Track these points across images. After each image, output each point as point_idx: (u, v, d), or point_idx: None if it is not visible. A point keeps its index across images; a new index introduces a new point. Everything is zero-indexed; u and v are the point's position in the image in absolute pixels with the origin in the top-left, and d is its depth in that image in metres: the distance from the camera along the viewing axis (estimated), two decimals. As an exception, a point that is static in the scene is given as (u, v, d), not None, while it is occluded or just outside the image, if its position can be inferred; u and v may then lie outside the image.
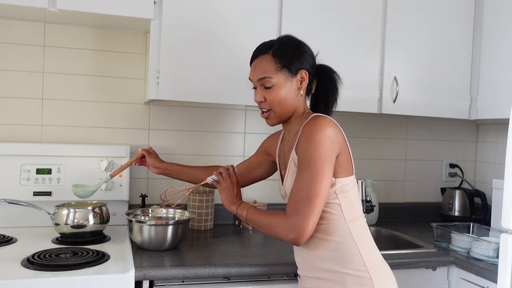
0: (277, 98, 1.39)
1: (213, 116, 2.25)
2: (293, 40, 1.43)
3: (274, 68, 1.38)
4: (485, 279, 1.66)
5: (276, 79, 1.38)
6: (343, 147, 1.34)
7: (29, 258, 1.49)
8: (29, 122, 2.03)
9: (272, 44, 1.42)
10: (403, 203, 2.56)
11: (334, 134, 1.31)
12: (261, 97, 1.41)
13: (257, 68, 1.42)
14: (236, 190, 1.50)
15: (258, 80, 1.41)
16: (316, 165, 1.27)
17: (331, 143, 1.29)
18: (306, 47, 1.43)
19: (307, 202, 1.26)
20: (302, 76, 1.39)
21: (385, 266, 1.39)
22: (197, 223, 2.07)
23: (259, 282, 1.58)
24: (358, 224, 1.36)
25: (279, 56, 1.38)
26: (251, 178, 1.73)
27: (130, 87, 2.14)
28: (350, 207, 1.35)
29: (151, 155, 1.82)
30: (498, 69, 2.11)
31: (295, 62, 1.38)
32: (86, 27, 2.08)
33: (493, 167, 2.54)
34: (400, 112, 2.12)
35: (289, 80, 1.39)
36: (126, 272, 1.42)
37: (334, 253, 1.32)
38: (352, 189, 1.37)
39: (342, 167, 1.34)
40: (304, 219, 1.26)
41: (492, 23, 2.15)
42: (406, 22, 2.11)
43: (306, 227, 1.26)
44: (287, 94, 1.39)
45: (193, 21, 1.84)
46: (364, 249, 1.33)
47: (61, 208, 1.75)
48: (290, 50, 1.40)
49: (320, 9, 1.99)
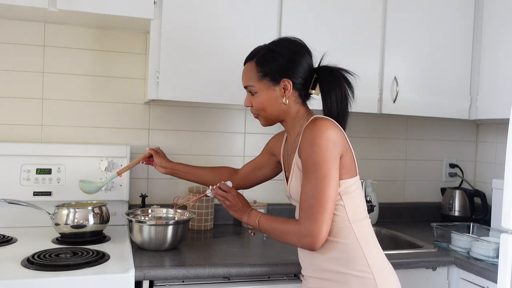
0: (260, 105, 1.43)
1: (213, 116, 2.25)
2: (283, 46, 1.41)
3: (256, 77, 1.41)
4: (485, 279, 1.66)
5: (258, 87, 1.41)
6: (346, 148, 1.34)
7: (29, 258, 1.49)
8: (29, 122, 2.03)
9: (259, 50, 1.43)
10: (403, 203, 2.56)
11: (336, 136, 1.30)
12: (248, 102, 1.47)
13: (243, 75, 1.46)
14: (240, 201, 1.50)
15: (244, 87, 1.46)
16: (322, 169, 1.27)
17: (333, 145, 1.29)
18: (297, 54, 1.40)
19: (319, 208, 1.27)
20: (285, 85, 1.38)
21: (389, 267, 1.39)
22: (197, 223, 2.07)
23: (259, 282, 1.58)
24: (363, 225, 1.36)
25: (261, 65, 1.40)
26: (258, 178, 1.73)
27: (130, 87, 2.14)
28: (354, 208, 1.35)
29: (158, 154, 1.81)
30: (498, 69, 2.11)
31: (278, 70, 1.38)
32: (86, 27, 2.08)
33: (493, 167, 2.54)
34: (400, 112, 2.12)
35: (271, 88, 1.40)
36: (126, 272, 1.42)
37: (339, 254, 1.32)
38: (356, 190, 1.37)
39: (346, 169, 1.34)
40: (317, 225, 1.27)
41: (492, 23, 2.15)
42: (406, 22, 2.11)
43: (321, 232, 1.27)
44: (270, 101, 1.41)
45: (193, 21, 1.84)
46: (368, 250, 1.33)
47: (61, 208, 1.75)
48: (275, 58, 1.39)
49: (320, 9, 1.99)
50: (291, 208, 2.30)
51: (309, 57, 1.42)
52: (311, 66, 1.42)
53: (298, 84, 1.40)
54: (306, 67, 1.40)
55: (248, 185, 1.76)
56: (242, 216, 1.47)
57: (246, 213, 1.47)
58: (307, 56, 1.42)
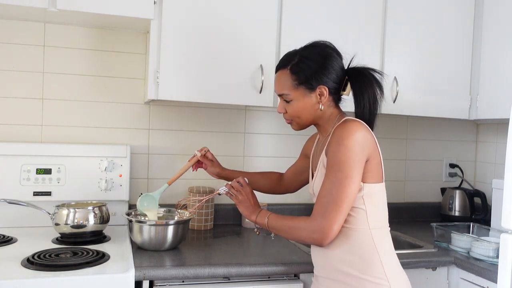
0: (296, 112, 1.43)
1: (213, 116, 2.25)
2: (315, 53, 1.41)
3: (291, 85, 1.40)
4: (485, 279, 1.66)
5: (293, 95, 1.41)
6: (374, 153, 1.33)
7: (29, 258, 1.49)
8: (29, 122, 2.03)
9: (292, 57, 1.42)
10: (403, 203, 2.56)
11: (364, 139, 1.30)
12: (282, 109, 1.46)
13: (277, 83, 1.45)
14: (252, 199, 1.53)
15: (279, 95, 1.45)
16: (345, 169, 1.27)
17: (360, 147, 1.29)
18: (330, 59, 1.39)
19: (334, 206, 1.28)
20: (321, 91, 1.39)
21: (405, 277, 1.38)
22: (197, 223, 2.07)
23: (259, 282, 1.58)
24: (382, 233, 1.36)
25: (296, 73, 1.39)
26: (302, 181, 1.75)
27: (130, 87, 2.14)
28: (376, 214, 1.34)
29: (212, 163, 1.76)
30: (498, 69, 2.11)
31: (314, 77, 1.38)
32: (86, 27, 2.08)
33: (493, 167, 2.54)
34: (400, 112, 2.12)
35: (307, 95, 1.40)
36: (126, 272, 1.42)
37: (352, 257, 1.31)
38: (380, 197, 1.36)
39: (371, 173, 1.33)
40: (329, 222, 1.28)
41: (492, 23, 2.15)
42: (406, 22, 2.11)
43: (331, 230, 1.28)
44: (306, 108, 1.41)
45: (193, 21, 1.84)
46: (386, 258, 1.32)
47: (61, 208, 1.75)
48: (309, 65, 1.38)
49: (320, 9, 1.99)
50: (291, 209, 2.31)
51: (340, 60, 1.43)
52: (342, 69, 1.43)
53: (333, 89, 1.40)
54: (339, 70, 1.41)
55: (294, 189, 1.79)
56: (252, 213, 1.49)
57: (256, 211, 1.49)
58: (338, 59, 1.42)
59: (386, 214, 1.40)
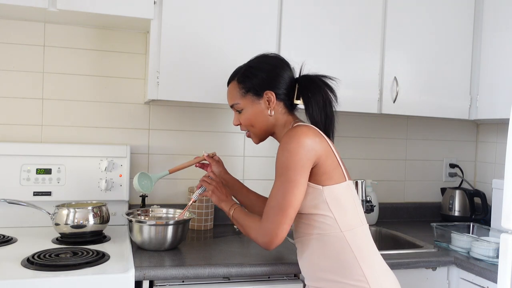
0: (248, 120, 1.47)
1: (213, 116, 2.25)
2: (262, 62, 1.47)
3: (239, 94, 1.46)
4: (485, 279, 1.66)
5: (242, 103, 1.46)
6: (326, 155, 1.33)
7: (29, 258, 1.49)
8: (29, 122, 2.03)
9: (239, 70, 1.49)
10: (403, 203, 2.56)
11: (311, 142, 1.30)
12: (236, 121, 1.52)
13: (228, 95, 1.52)
14: (224, 189, 1.57)
15: (231, 106, 1.50)
16: (288, 174, 1.29)
17: (305, 151, 1.29)
18: (276, 68, 1.44)
19: (278, 211, 1.30)
20: (269, 97, 1.43)
21: (388, 276, 1.37)
22: (197, 223, 2.07)
23: (259, 282, 1.58)
24: (356, 232, 1.34)
25: (242, 81, 1.46)
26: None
27: (130, 87, 2.14)
28: (345, 215, 1.33)
29: (218, 164, 1.73)
30: (498, 69, 2.11)
31: (259, 84, 1.43)
32: (86, 27, 2.08)
33: (493, 167, 2.54)
34: (400, 112, 2.12)
35: (256, 102, 1.45)
36: (126, 272, 1.42)
37: (330, 262, 1.32)
38: (346, 196, 1.35)
39: (328, 174, 1.33)
40: (274, 227, 1.30)
41: (492, 23, 2.15)
42: (406, 22, 2.11)
43: (276, 235, 1.30)
44: (256, 115, 1.45)
45: (193, 21, 1.84)
46: (364, 259, 1.31)
47: (61, 208, 1.75)
48: (255, 73, 1.44)
49: (320, 9, 1.99)
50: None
51: (288, 69, 1.47)
52: (292, 77, 1.46)
53: (281, 95, 1.44)
54: (287, 78, 1.45)
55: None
56: (222, 202, 1.53)
57: (227, 202, 1.52)
58: (287, 68, 1.47)
59: (357, 212, 1.37)
